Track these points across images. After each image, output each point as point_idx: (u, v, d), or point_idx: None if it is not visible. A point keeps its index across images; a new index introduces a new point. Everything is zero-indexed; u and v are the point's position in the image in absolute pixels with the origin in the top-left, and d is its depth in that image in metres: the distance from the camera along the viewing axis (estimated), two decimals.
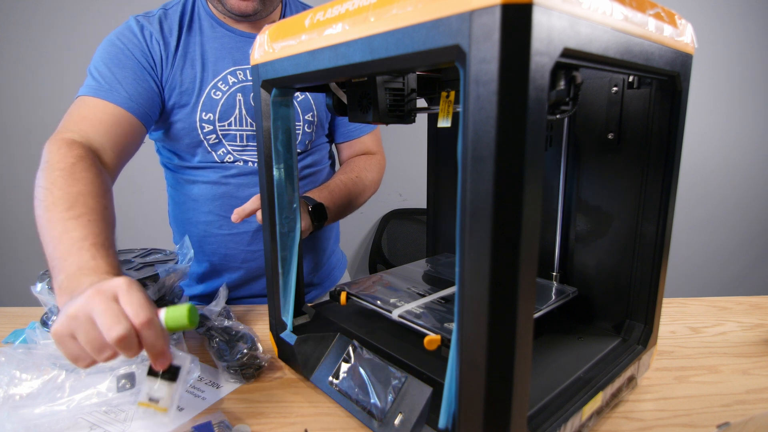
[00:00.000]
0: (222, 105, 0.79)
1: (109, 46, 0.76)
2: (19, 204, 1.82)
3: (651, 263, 0.52)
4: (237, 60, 0.81)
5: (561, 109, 0.39)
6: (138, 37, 0.76)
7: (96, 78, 0.74)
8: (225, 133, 0.81)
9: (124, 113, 0.73)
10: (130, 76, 0.74)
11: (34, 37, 1.71)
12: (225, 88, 0.80)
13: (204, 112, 0.79)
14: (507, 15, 0.26)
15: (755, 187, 2.04)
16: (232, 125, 0.81)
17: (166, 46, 0.77)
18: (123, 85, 0.73)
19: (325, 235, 0.97)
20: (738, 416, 0.50)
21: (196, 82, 0.78)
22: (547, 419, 0.40)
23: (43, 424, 0.47)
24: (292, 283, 0.58)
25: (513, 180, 0.28)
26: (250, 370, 0.57)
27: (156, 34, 0.77)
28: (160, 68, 0.77)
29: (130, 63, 0.75)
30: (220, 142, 0.81)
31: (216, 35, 0.81)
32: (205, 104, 0.79)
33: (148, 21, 0.77)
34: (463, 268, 0.30)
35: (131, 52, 0.75)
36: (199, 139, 0.81)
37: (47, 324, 0.62)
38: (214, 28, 0.81)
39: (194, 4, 0.81)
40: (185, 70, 0.78)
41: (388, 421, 0.44)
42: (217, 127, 0.80)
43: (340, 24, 0.38)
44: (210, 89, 0.79)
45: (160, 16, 0.78)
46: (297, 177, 0.56)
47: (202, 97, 0.79)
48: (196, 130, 0.80)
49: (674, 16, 0.43)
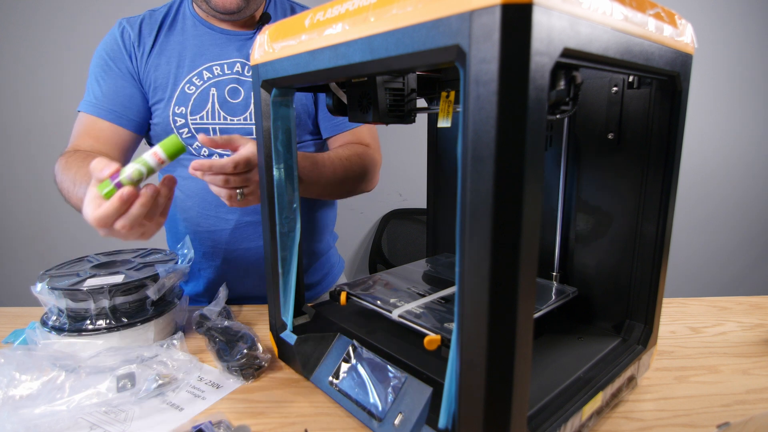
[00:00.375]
0: (195, 99, 0.82)
1: (99, 60, 0.84)
2: (19, 204, 1.82)
3: (651, 263, 0.52)
4: (215, 56, 0.83)
5: (561, 109, 0.39)
6: (119, 45, 0.82)
7: (89, 93, 0.83)
8: (197, 126, 0.83)
9: (114, 127, 0.82)
10: (113, 90, 0.82)
11: (34, 37, 1.71)
12: (199, 83, 0.82)
13: (177, 106, 0.82)
14: (507, 15, 0.26)
15: (755, 187, 2.04)
16: (204, 119, 0.83)
17: (141, 47, 0.82)
18: (110, 100, 0.82)
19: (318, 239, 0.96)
20: (738, 416, 0.50)
21: (170, 78, 0.81)
22: (547, 419, 0.40)
23: (43, 425, 0.47)
24: (292, 283, 0.58)
25: (513, 180, 0.28)
26: (250, 370, 0.57)
27: (134, 37, 0.82)
28: (137, 70, 0.83)
29: (113, 75, 0.82)
30: (193, 135, 0.83)
31: (197, 33, 0.83)
32: (178, 99, 0.82)
33: (130, 25, 0.83)
34: (463, 268, 0.30)
35: (115, 63, 0.82)
36: None
37: (47, 324, 0.62)
38: (196, 27, 0.84)
39: (180, 5, 0.85)
40: (160, 67, 0.82)
41: (388, 421, 0.44)
42: (189, 120, 0.82)
43: (340, 24, 0.38)
44: (184, 84, 0.82)
45: (144, 18, 0.84)
46: (297, 177, 0.56)
47: (176, 92, 0.81)
48: (170, 125, 0.82)
49: (674, 16, 0.43)
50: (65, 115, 1.76)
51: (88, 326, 0.61)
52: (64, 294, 0.60)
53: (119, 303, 0.62)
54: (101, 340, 0.61)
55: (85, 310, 0.61)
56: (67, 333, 0.60)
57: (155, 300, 0.65)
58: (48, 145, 1.78)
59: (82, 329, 0.61)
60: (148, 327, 0.64)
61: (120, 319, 0.62)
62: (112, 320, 0.61)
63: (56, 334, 0.60)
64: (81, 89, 0.85)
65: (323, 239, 0.99)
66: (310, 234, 0.95)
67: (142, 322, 0.63)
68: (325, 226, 0.98)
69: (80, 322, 0.61)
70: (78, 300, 0.61)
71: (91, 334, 0.60)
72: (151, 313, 0.64)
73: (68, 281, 0.62)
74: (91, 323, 0.61)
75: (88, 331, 0.60)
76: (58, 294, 0.60)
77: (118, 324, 0.61)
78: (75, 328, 0.61)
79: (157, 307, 0.66)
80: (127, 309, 0.63)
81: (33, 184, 1.81)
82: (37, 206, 1.82)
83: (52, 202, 1.81)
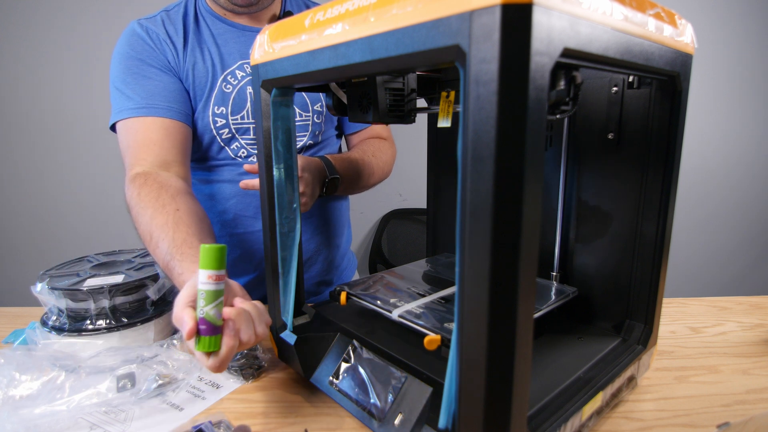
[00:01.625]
0: (234, 98, 0.80)
1: (126, 60, 0.76)
2: (19, 204, 1.82)
3: (651, 263, 0.52)
4: (243, 54, 0.81)
5: (561, 109, 0.39)
6: (148, 42, 0.76)
7: (129, 96, 0.74)
8: (238, 126, 0.81)
9: (170, 122, 0.74)
10: (159, 85, 0.75)
11: (35, 36, 1.71)
12: (235, 82, 0.80)
13: (216, 106, 0.79)
14: (507, 15, 0.26)
15: (755, 187, 2.04)
16: (244, 118, 0.81)
17: (174, 46, 0.77)
18: (158, 96, 0.74)
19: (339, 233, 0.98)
20: (738, 416, 0.50)
21: (208, 76, 0.79)
22: (547, 419, 0.40)
23: (43, 425, 0.47)
24: (292, 283, 0.57)
25: (513, 180, 0.28)
26: (250, 371, 0.57)
27: (162, 35, 0.77)
28: (175, 67, 0.78)
29: (152, 71, 0.75)
30: (234, 136, 0.81)
31: (219, 31, 0.81)
32: (217, 98, 0.79)
33: (151, 23, 0.78)
34: (463, 268, 0.30)
35: (148, 58, 0.76)
36: (212, 135, 0.81)
37: (47, 324, 0.62)
38: (216, 25, 0.81)
39: (196, 3, 0.82)
40: (197, 65, 0.79)
41: (388, 421, 0.44)
42: (230, 120, 0.80)
43: (340, 24, 0.38)
44: (221, 83, 0.79)
45: (163, 18, 0.79)
46: (297, 177, 0.56)
47: (215, 91, 0.79)
48: (209, 125, 0.80)
49: (674, 16, 0.43)
50: (66, 115, 1.76)
51: (88, 326, 0.61)
52: (64, 294, 0.60)
53: (119, 303, 0.62)
54: (101, 340, 0.61)
55: (85, 310, 0.61)
56: (67, 333, 0.60)
57: (155, 300, 0.65)
58: (48, 145, 1.78)
59: (82, 329, 0.61)
60: (148, 327, 0.64)
61: (120, 319, 0.62)
62: (112, 320, 0.61)
63: (56, 334, 0.60)
64: (82, 89, 0.84)
65: (345, 233, 1.00)
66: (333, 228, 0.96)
67: (142, 322, 0.63)
68: (346, 220, 1.00)
69: (80, 322, 0.61)
70: (78, 300, 0.61)
71: (91, 334, 0.60)
72: (151, 313, 0.64)
73: (68, 281, 0.62)
74: (91, 323, 0.61)
75: (88, 331, 0.60)
76: (58, 294, 0.60)
77: (118, 324, 0.61)
78: (75, 328, 0.61)
79: (157, 307, 0.66)
80: (127, 309, 0.63)
81: (33, 184, 1.81)
82: (37, 206, 1.82)
83: (52, 202, 1.81)
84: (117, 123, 0.75)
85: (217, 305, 0.43)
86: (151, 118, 0.74)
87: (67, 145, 1.77)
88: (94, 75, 1.71)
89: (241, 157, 0.83)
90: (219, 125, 0.80)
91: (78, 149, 1.78)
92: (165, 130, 0.74)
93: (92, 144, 1.76)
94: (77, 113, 1.74)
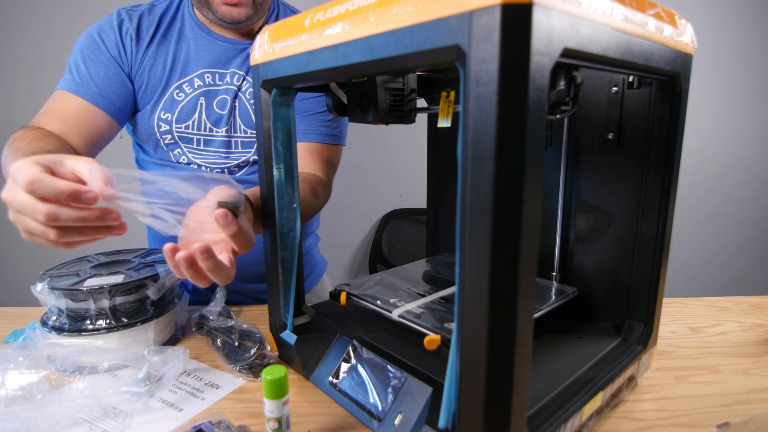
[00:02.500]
0: (182, 107, 0.80)
1: (88, 41, 0.78)
2: None
3: (651, 263, 0.52)
4: (209, 63, 0.81)
5: (561, 109, 0.39)
6: (115, 33, 0.78)
7: (72, 72, 0.77)
8: (181, 135, 0.82)
9: (93, 108, 0.76)
10: (103, 72, 0.77)
11: (34, 36, 1.71)
12: (189, 90, 0.80)
13: (163, 111, 0.80)
14: (507, 15, 0.26)
15: (755, 187, 2.04)
16: (189, 128, 0.82)
17: (138, 43, 0.79)
18: (95, 81, 0.76)
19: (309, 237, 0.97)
20: (738, 416, 0.50)
21: (161, 81, 0.79)
22: (547, 419, 0.40)
23: (42, 424, 0.47)
24: (292, 283, 0.58)
25: (513, 180, 0.28)
26: (260, 368, 0.58)
27: (132, 30, 0.78)
28: (129, 64, 0.79)
29: (104, 59, 0.77)
30: (176, 143, 0.82)
31: (194, 37, 0.81)
32: (165, 104, 0.80)
33: (129, 16, 0.79)
34: (463, 268, 0.30)
35: (107, 47, 0.77)
36: (156, 138, 0.82)
37: (47, 324, 0.62)
38: (194, 31, 0.81)
39: (180, 4, 0.82)
40: (153, 68, 0.79)
41: (388, 421, 0.44)
42: (173, 127, 0.81)
43: (340, 24, 0.38)
44: (173, 90, 0.80)
45: (143, 12, 0.80)
46: (297, 177, 0.56)
47: (164, 97, 0.80)
48: (154, 128, 0.81)
49: (674, 16, 0.43)
50: None
51: (88, 326, 0.61)
52: (64, 294, 0.60)
53: (119, 303, 0.62)
54: (101, 340, 0.61)
55: (85, 310, 0.61)
56: (67, 333, 0.60)
57: (155, 300, 0.65)
58: None
59: (82, 329, 0.61)
60: (148, 327, 0.64)
61: (120, 319, 0.62)
62: (112, 320, 0.61)
63: (56, 334, 0.60)
64: None
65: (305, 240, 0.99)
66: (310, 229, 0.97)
67: (142, 322, 0.63)
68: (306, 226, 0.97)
69: (80, 322, 0.61)
70: (78, 300, 0.61)
71: (91, 334, 0.60)
72: (151, 313, 0.64)
73: (68, 281, 0.62)
74: (91, 323, 0.61)
75: (88, 331, 0.60)
76: (58, 294, 0.60)
77: (118, 324, 0.61)
78: (75, 328, 0.61)
79: (157, 307, 0.66)
80: (127, 309, 0.63)
81: None
82: None
83: None
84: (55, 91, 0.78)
85: None
86: (74, 97, 0.75)
87: None
88: None
89: (182, 163, 0.84)
90: (163, 130, 0.81)
91: None
92: (81, 112, 0.75)
93: None
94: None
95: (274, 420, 0.42)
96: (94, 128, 0.76)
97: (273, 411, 0.41)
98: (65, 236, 0.42)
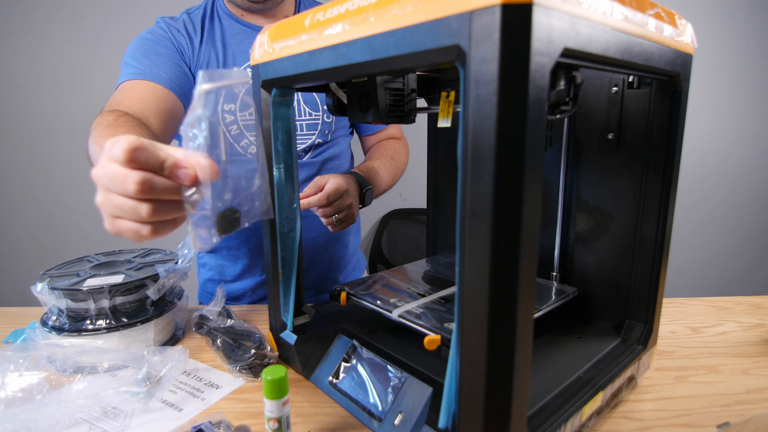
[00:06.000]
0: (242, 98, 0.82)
1: (141, 41, 0.80)
2: (19, 204, 1.82)
3: (651, 263, 0.52)
4: None
5: (561, 109, 0.39)
6: (166, 32, 0.81)
7: (134, 65, 0.77)
8: (246, 123, 0.83)
9: (165, 90, 0.76)
10: (167, 61, 0.78)
11: (36, 35, 1.71)
12: None
13: (226, 103, 0.81)
14: (507, 15, 0.26)
15: (755, 187, 2.04)
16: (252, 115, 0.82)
17: (191, 41, 0.81)
18: (161, 68, 0.77)
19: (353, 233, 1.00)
20: (738, 416, 0.50)
21: None
22: (547, 419, 0.40)
23: (42, 424, 0.47)
24: (292, 283, 0.57)
25: (513, 180, 0.28)
26: (259, 368, 0.58)
27: (182, 31, 0.81)
28: (188, 58, 0.81)
29: (164, 51, 0.79)
30: (242, 133, 0.83)
31: (234, 31, 0.84)
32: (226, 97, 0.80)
33: (173, 21, 0.83)
34: (463, 268, 0.30)
35: (163, 42, 0.80)
36: None
37: (47, 324, 0.62)
38: (233, 27, 0.84)
39: (214, 4, 0.86)
40: (211, 61, 0.82)
41: (388, 421, 0.44)
42: (237, 117, 0.82)
43: (340, 24, 0.38)
44: None
45: (184, 19, 0.84)
46: (297, 177, 0.56)
47: None
48: None
49: (674, 16, 0.43)
50: (67, 115, 1.76)
51: (88, 326, 0.61)
52: (64, 294, 0.60)
53: (119, 303, 0.62)
54: (101, 340, 0.61)
55: (85, 310, 0.61)
56: (67, 333, 0.60)
57: (155, 300, 0.65)
58: (49, 145, 1.78)
59: (82, 329, 0.61)
60: (148, 327, 0.64)
61: (120, 319, 0.62)
62: (112, 320, 0.61)
63: (56, 334, 0.60)
64: (83, 88, 0.85)
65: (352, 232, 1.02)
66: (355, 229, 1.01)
67: (142, 322, 0.63)
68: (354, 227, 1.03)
69: (80, 322, 0.61)
70: (78, 300, 0.61)
71: (91, 334, 0.60)
72: (151, 313, 0.64)
73: (68, 281, 0.62)
74: (91, 323, 0.61)
75: (88, 331, 0.60)
76: (58, 294, 0.60)
77: (118, 324, 0.61)
78: (75, 328, 0.61)
79: (157, 307, 0.66)
80: (127, 309, 0.63)
81: (33, 184, 1.81)
82: (37, 206, 1.82)
83: (52, 201, 1.81)
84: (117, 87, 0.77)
85: None
86: (146, 82, 0.75)
87: (68, 144, 1.77)
88: (95, 74, 1.71)
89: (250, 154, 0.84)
90: (228, 121, 0.82)
91: (79, 149, 1.77)
92: (157, 94, 0.74)
93: None
94: (78, 113, 1.74)
95: (274, 420, 0.42)
96: (172, 112, 0.76)
97: (273, 411, 0.41)
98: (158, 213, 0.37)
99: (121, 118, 0.65)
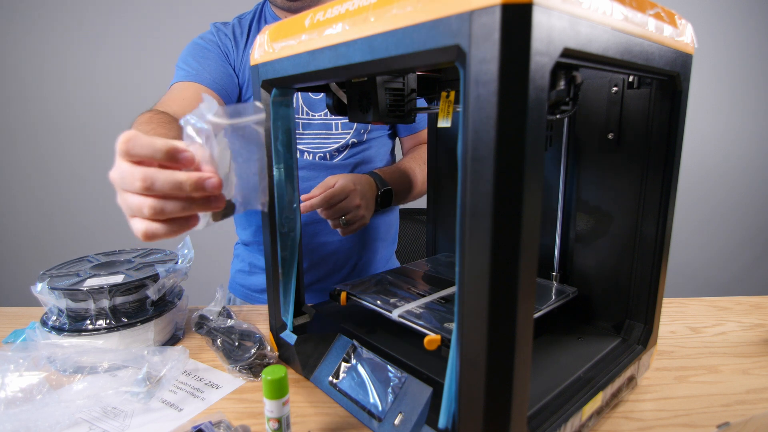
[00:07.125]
0: None
1: (193, 46, 0.88)
2: (19, 204, 1.82)
3: (651, 263, 0.52)
4: None
5: (561, 109, 0.39)
6: (215, 36, 0.88)
7: (183, 68, 0.85)
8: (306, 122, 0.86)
9: (209, 91, 0.82)
10: (213, 65, 0.85)
11: (39, 35, 1.71)
12: None
13: None
14: (507, 15, 0.26)
15: (755, 186, 2.04)
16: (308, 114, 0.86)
17: (236, 44, 0.88)
18: (207, 70, 0.84)
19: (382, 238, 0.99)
20: (738, 416, 0.50)
21: None
22: (547, 419, 0.40)
23: (42, 424, 0.47)
24: (292, 283, 0.58)
25: (513, 180, 0.28)
26: (259, 368, 0.58)
27: (229, 35, 0.88)
28: (233, 60, 0.87)
29: (212, 55, 0.86)
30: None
31: None
32: None
33: (224, 26, 0.90)
34: (463, 268, 0.30)
35: (210, 47, 0.87)
36: None
37: (47, 324, 0.62)
38: None
39: (263, 8, 0.91)
40: None
41: (388, 421, 0.44)
42: None
43: (340, 24, 0.38)
44: None
45: (234, 24, 0.90)
46: (297, 177, 0.56)
47: None
48: None
49: (674, 16, 0.43)
50: (68, 115, 1.76)
51: (88, 326, 0.61)
52: (64, 294, 0.60)
53: (119, 303, 0.62)
54: (101, 340, 0.61)
55: (85, 310, 0.61)
56: (67, 333, 0.60)
57: (155, 300, 0.65)
58: (49, 145, 1.78)
59: (82, 329, 0.61)
60: (148, 327, 0.64)
61: (120, 319, 0.62)
62: (112, 320, 0.61)
63: (56, 334, 0.60)
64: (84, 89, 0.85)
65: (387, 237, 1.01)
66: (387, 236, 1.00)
67: (142, 322, 0.63)
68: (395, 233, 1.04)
69: (80, 322, 0.61)
70: (78, 300, 0.61)
71: (91, 334, 0.60)
72: (151, 313, 0.64)
73: (68, 281, 0.62)
74: (91, 323, 0.61)
75: (88, 331, 0.60)
76: (58, 294, 0.60)
77: (118, 324, 0.61)
78: (75, 328, 0.61)
79: (157, 307, 0.66)
80: (127, 309, 0.63)
81: (33, 184, 1.81)
82: (37, 206, 1.82)
83: (52, 202, 1.81)
84: None
85: None
86: (192, 83, 0.82)
87: (68, 145, 1.77)
88: (98, 75, 1.71)
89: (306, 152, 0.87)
90: None
91: (79, 149, 1.78)
92: (199, 94, 0.79)
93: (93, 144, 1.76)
94: (79, 113, 1.74)
95: (274, 420, 0.42)
96: None
97: (273, 411, 0.41)
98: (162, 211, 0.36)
99: (155, 116, 0.68)
